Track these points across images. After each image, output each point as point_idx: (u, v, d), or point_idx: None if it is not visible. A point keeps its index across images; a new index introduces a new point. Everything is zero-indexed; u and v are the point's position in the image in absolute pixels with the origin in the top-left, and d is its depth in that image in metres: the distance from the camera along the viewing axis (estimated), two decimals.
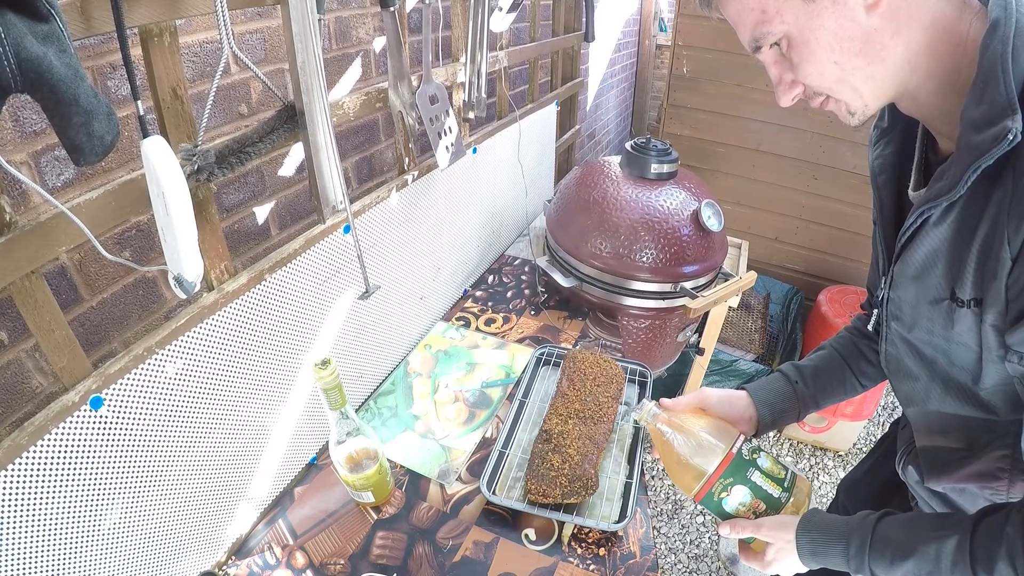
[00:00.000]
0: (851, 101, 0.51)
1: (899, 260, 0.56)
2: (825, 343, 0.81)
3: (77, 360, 0.52)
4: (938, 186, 0.48)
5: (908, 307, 0.56)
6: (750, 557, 0.66)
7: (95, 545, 0.56)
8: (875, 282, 0.75)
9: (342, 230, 0.81)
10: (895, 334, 0.61)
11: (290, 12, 0.59)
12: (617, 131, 3.67)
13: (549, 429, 0.84)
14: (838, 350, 0.78)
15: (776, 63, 0.52)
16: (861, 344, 0.77)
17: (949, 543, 0.50)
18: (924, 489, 0.66)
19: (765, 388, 0.77)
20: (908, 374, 0.61)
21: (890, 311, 0.61)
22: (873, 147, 0.64)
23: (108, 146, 0.42)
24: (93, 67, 0.65)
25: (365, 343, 0.95)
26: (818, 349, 0.81)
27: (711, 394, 0.76)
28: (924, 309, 0.54)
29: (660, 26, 3.87)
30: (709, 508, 0.68)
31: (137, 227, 0.76)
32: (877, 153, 0.63)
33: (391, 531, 0.77)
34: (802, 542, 0.60)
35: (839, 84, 0.50)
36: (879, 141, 0.63)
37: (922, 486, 0.65)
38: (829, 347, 0.80)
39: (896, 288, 0.58)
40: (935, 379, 0.57)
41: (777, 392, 0.76)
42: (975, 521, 0.50)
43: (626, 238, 1.12)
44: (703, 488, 0.66)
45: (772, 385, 0.77)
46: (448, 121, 0.95)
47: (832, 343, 0.80)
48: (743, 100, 2.12)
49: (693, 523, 1.71)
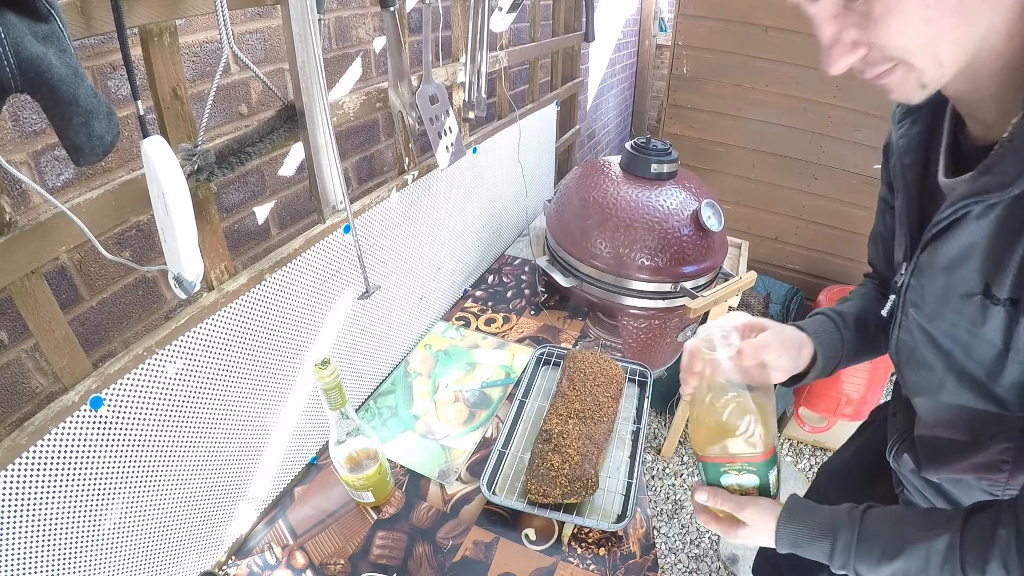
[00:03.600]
0: (929, 70, 0.43)
1: (927, 249, 0.52)
2: (853, 295, 0.76)
3: (77, 360, 0.52)
4: (986, 180, 0.44)
5: (933, 298, 0.53)
6: (711, 520, 0.63)
7: (95, 545, 0.56)
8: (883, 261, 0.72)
9: (342, 230, 0.81)
10: (912, 322, 0.57)
11: (290, 12, 0.59)
12: (617, 131, 3.67)
13: (549, 429, 0.84)
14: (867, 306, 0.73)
15: (836, 18, 0.44)
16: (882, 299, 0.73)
17: (938, 543, 0.49)
18: (918, 478, 0.65)
19: (822, 335, 0.69)
20: (922, 363, 0.58)
21: (910, 299, 0.57)
22: (897, 124, 0.59)
23: (108, 146, 0.42)
24: (93, 67, 0.65)
25: (365, 343, 0.95)
26: (846, 300, 0.76)
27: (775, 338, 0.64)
28: (952, 302, 0.50)
29: (660, 26, 3.87)
30: (704, 472, 0.63)
31: (137, 227, 0.76)
32: (903, 132, 0.58)
33: (391, 531, 0.77)
34: (784, 533, 0.58)
35: (922, 48, 0.42)
36: (905, 119, 0.58)
37: (916, 475, 0.64)
38: (860, 301, 0.74)
39: (920, 276, 0.54)
40: (950, 370, 0.54)
41: (830, 344, 0.69)
42: (963, 520, 0.50)
43: (626, 238, 1.12)
44: (719, 458, 0.61)
45: (827, 334, 0.70)
46: (448, 121, 0.95)
47: (860, 298, 0.75)
48: (743, 100, 2.12)
49: (693, 523, 1.71)
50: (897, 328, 0.61)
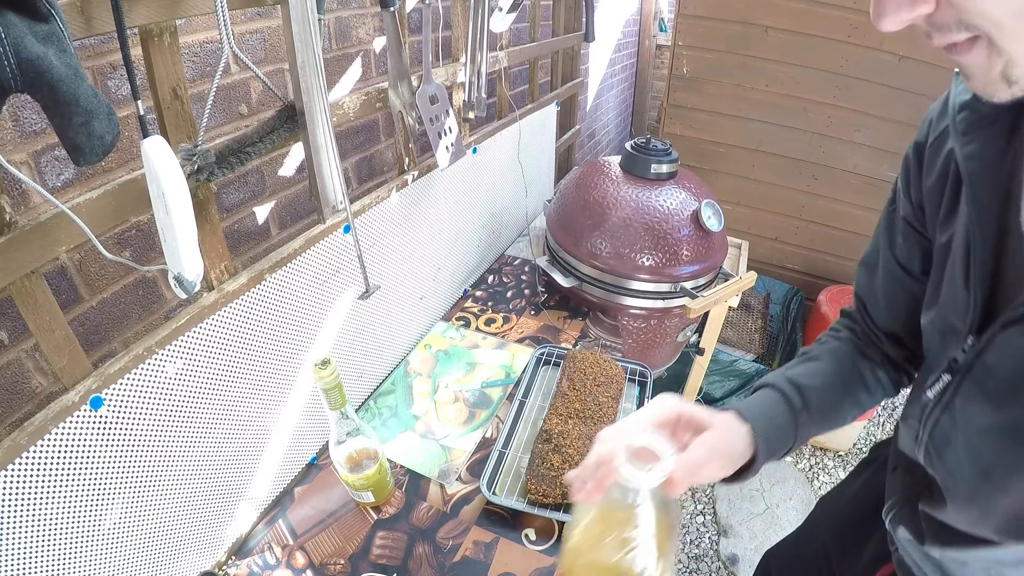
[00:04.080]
0: (1021, 60, 0.31)
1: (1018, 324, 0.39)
2: (821, 353, 0.62)
3: (77, 360, 0.52)
4: None
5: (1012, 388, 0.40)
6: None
7: (95, 545, 0.56)
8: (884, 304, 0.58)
9: (342, 230, 0.81)
10: (974, 412, 0.44)
11: (290, 12, 0.59)
12: (617, 131, 3.67)
13: (549, 429, 0.84)
14: (839, 370, 0.60)
15: None
16: (862, 365, 0.61)
17: None
18: (917, 550, 0.56)
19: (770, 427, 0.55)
20: (974, 461, 0.44)
21: (977, 378, 0.43)
22: (962, 137, 0.43)
23: (108, 146, 0.42)
24: (93, 67, 0.65)
25: (365, 343, 0.95)
26: (810, 359, 0.62)
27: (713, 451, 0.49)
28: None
29: (660, 26, 3.88)
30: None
31: (137, 227, 0.76)
32: (971, 150, 0.43)
33: (391, 531, 0.77)
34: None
35: (1016, 22, 0.30)
36: (972, 131, 0.43)
37: (915, 546, 0.56)
38: (829, 363, 0.61)
39: (1002, 356, 0.40)
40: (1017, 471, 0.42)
41: (779, 435, 0.55)
42: None
43: (626, 238, 1.12)
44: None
45: (776, 422, 0.55)
46: (448, 121, 0.95)
47: (830, 359, 0.61)
48: (743, 100, 2.12)
49: (693, 523, 1.71)
50: (939, 416, 0.47)
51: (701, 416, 0.50)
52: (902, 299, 0.57)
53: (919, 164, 0.51)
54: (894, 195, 0.56)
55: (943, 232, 0.48)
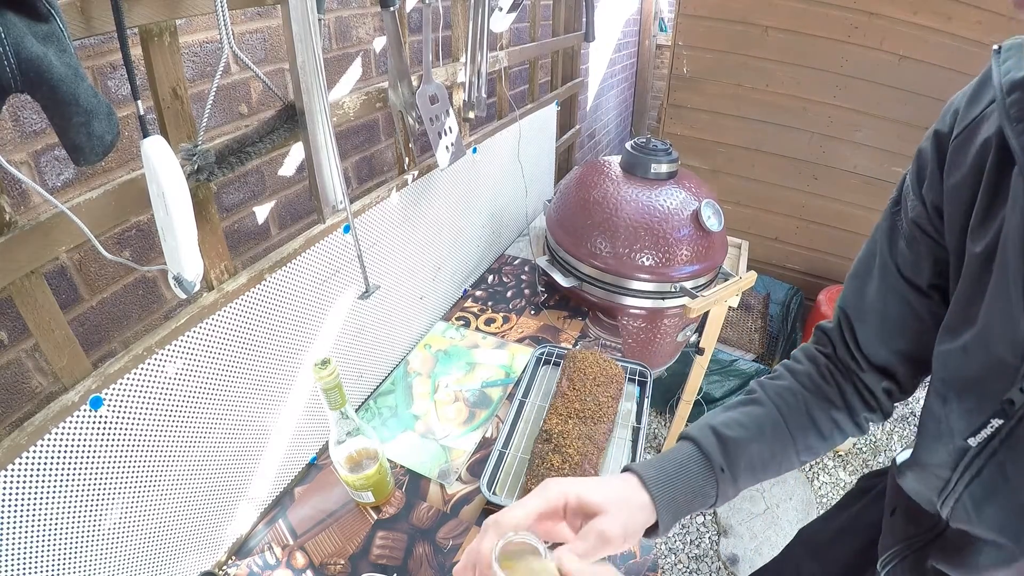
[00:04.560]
0: None
1: None
2: (765, 397, 0.55)
3: (77, 360, 0.52)
4: None
5: None
6: None
7: (95, 545, 0.56)
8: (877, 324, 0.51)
9: (342, 230, 0.81)
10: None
11: (290, 12, 0.59)
12: (617, 131, 3.67)
13: (549, 429, 0.84)
14: (784, 416, 0.53)
15: None
16: (815, 409, 0.53)
17: None
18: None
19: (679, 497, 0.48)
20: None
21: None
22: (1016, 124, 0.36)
23: (108, 146, 0.42)
24: (93, 67, 0.65)
25: (365, 343, 0.95)
26: (752, 402, 0.55)
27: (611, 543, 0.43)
28: None
29: (660, 26, 3.88)
30: None
31: (137, 227, 0.76)
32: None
33: (391, 531, 0.77)
34: None
35: None
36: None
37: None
38: (770, 409, 0.54)
39: None
40: None
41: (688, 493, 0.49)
42: None
43: (626, 238, 1.12)
44: None
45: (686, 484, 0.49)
46: (448, 121, 0.95)
47: (775, 403, 0.54)
48: (743, 100, 2.12)
49: (693, 523, 1.71)
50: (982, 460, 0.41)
51: (590, 500, 0.44)
52: (900, 317, 0.49)
53: (939, 159, 0.44)
54: (899, 195, 0.49)
55: (977, 239, 0.40)
